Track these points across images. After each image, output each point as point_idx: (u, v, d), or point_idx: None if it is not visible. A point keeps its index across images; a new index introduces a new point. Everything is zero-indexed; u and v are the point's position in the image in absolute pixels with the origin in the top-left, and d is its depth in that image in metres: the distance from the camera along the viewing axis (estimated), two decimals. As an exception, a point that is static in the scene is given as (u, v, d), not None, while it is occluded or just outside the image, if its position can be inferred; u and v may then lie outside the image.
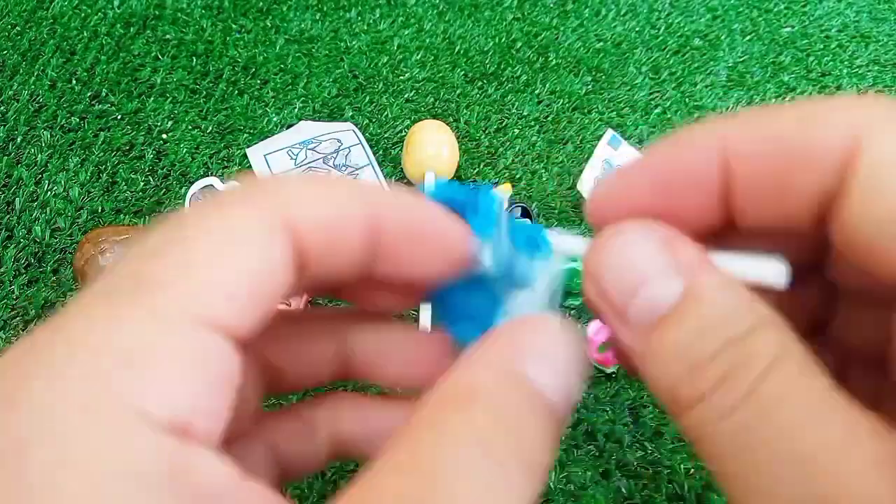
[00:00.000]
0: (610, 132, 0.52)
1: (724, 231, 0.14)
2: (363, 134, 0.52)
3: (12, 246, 0.47)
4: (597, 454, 0.38)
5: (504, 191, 0.47)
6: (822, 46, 0.61)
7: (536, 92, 0.57)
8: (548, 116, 0.55)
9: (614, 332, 0.13)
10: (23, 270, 0.46)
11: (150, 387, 0.10)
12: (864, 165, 0.12)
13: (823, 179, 0.12)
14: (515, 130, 0.54)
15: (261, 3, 0.63)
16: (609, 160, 0.50)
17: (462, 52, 0.59)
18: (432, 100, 0.56)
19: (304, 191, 0.13)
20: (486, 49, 0.60)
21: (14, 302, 0.44)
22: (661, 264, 0.13)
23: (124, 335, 0.10)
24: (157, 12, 0.62)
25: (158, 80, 0.56)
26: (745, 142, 0.13)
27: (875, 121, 0.12)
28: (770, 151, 0.13)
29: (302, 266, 0.13)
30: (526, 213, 0.47)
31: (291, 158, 0.51)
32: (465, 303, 0.16)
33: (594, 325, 0.41)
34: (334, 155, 0.51)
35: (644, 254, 0.13)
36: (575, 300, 0.42)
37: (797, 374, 0.11)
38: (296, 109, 0.55)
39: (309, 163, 0.51)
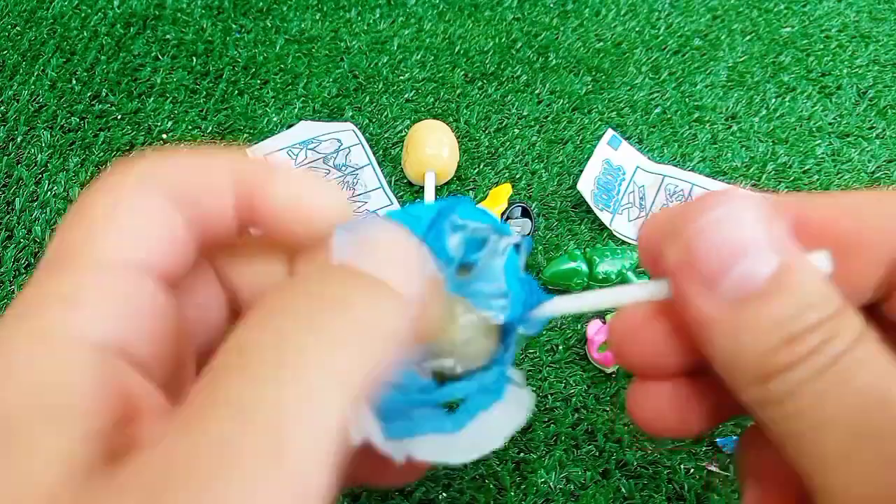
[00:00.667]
0: (610, 132, 0.52)
1: None
2: (363, 134, 0.52)
3: (12, 246, 0.47)
4: (597, 454, 0.38)
5: (504, 192, 0.47)
6: (822, 46, 0.61)
7: (536, 92, 0.57)
8: (548, 116, 0.55)
9: (689, 297, 0.15)
10: (23, 270, 0.46)
11: (87, 318, 0.13)
12: None
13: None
14: (515, 130, 0.54)
15: (261, 3, 0.63)
16: (609, 160, 0.50)
17: (462, 52, 0.59)
18: (432, 100, 0.56)
19: (182, 162, 0.16)
20: (486, 49, 0.60)
21: (14, 302, 0.44)
22: (762, 239, 0.14)
23: (62, 285, 0.13)
24: (157, 12, 0.62)
25: (158, 80, 0.56)
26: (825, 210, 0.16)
27: None
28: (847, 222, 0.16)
29: (193, 223, 0.15)
30: (526, 213, 0.47)
31: (291, 158, 0.51)
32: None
33: (594, 326, 0.41)
34: (334, 155, 0.51)
35: (748, 226, 0.14)
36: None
37: (877, 344, 0.14)
38: (296, 109, 0.55)
39: (309, 163, 0.51)
